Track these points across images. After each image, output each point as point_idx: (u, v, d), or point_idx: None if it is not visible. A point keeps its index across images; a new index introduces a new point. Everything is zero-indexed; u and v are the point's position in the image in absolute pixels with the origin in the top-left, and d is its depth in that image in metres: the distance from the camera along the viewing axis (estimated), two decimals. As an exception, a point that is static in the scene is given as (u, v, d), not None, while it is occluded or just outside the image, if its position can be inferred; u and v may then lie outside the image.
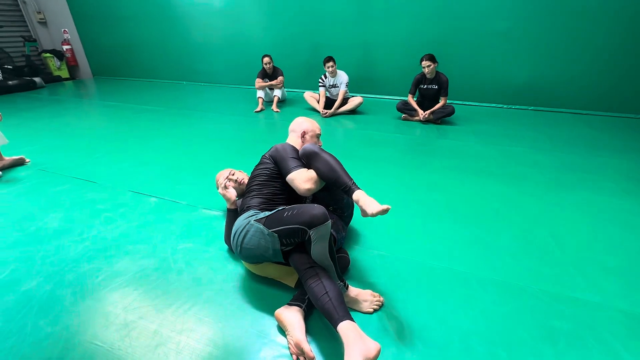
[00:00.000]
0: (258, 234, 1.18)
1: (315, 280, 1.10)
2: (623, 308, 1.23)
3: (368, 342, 0.94)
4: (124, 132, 3.38)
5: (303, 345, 1.01)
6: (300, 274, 1.16)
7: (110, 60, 6.87)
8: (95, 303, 1.25)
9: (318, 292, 1.07)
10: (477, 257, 1.51)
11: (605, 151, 2.82)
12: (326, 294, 1.05)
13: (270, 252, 1.18)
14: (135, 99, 5.00)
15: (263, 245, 1.18)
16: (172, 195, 2.05)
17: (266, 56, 4.18)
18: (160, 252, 1.54)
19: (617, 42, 3.69)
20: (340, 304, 1.04)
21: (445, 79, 3.46)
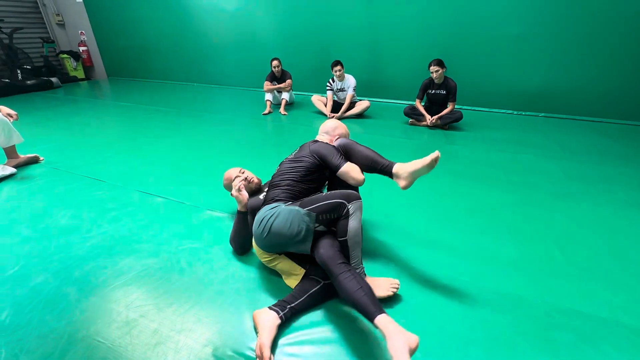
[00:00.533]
0: (292, 214, 1.23)
1: (348, 275, 1.11)
2: (628, 322, 1.20)
3: (408, 334, 0.96)
4: (134, 132, 3.45)
5: (264, 350, 1.03)
6: (330, 268, 1.15)
7: (124, 61, 7.04)
8: (99, 300, 1.29)
9: (352, 286, 1.08)
10: (478, 265, 1.49)
11: (618, 160, 2.76)
12: (361, 288, 1.07)
13: (303, 234, 1.21)
14: (147, 99, 5.10)
15: (296, 225, 1.22)
16: (178, 195, 2.09)
17: (275, 59, 4.22)
18: (164, 251, 1.57)
19: (632, 48, 3.61)
20: (374, 298, 1.06)
21: (454, 84, 3.44)
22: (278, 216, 1.25)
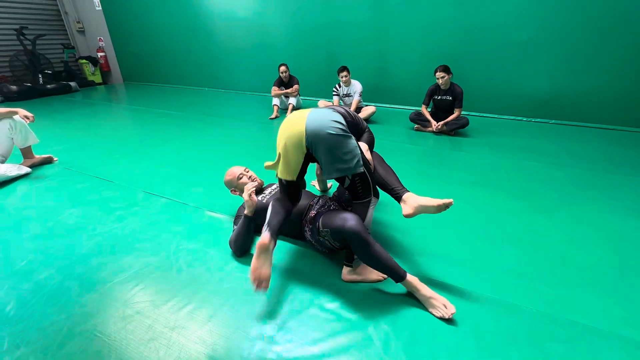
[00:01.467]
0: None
1: (379, 245, 1.26)
2: (626, 335, 1.17)
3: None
4: (144, 135, 3.56)
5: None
6: (364, 238, 1.23)
7: (139, 66, 7.27)
8: (99, 296, 1.33)
9: (385, 254, 1.26)
10: (475, 272, 1.47)
11: (629, 169, 2.68)
12: (388, 254, 1.26)
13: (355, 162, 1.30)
14: (159, 103, 5.25)
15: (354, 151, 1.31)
16: (181, 197, 2.14)
17: (283, 65, 4.29)
18: (163, 250, 1.61)
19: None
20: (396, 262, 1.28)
21: (460, 90, 3.42)
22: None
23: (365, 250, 1.24)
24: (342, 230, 1.26)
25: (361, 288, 1.37)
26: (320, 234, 1.40)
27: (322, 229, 1.38)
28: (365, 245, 1.24)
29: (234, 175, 1.74)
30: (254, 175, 1.76)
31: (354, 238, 1.23)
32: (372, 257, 1.25)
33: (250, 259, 1.50)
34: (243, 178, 1.73)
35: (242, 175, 1.73)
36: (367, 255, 1.25)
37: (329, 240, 1.40)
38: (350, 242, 1.26)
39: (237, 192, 1.77)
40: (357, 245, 1.24)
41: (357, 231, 1.23)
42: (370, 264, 1.27)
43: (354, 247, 1.27)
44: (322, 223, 1.38)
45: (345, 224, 1.24)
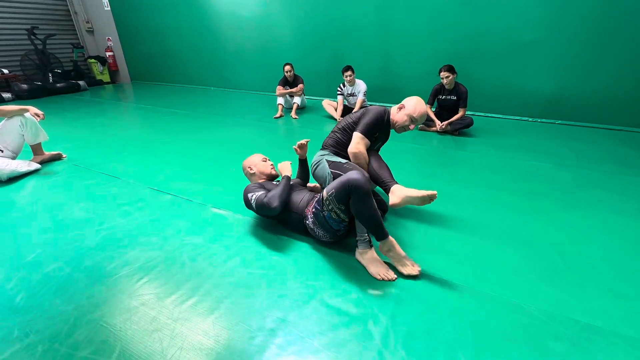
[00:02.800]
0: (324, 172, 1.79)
1: (374, 202, 1.39)
2: (626, 334, 1.16)
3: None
4: (151, 133, 3.61)
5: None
6: (366, 188, 1.34)
7: (147, 66, 7.37)
8: (105, 288, 1.37)
9: (377, 210, 1.38)
10: (475, 270, 1.48)
11: (633, 169, 2.65)
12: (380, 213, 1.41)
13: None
14: (166, 102, 5.32)
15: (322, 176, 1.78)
16: (186, 193, 2.18)
17: (287, 64, 4.32)
18: (168, 245, 1.64)
19: (656, 55, 3.47)
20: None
21: (465, 89, 3.41)
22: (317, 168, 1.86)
23: (364, 202, 1.34)
24: (346, 183, 1.35)
25: (360, 283, 1.39)
26: (325, 203, 1.44)
27: (326, 196, 1.42)
28: (367, 196, 1.33)
29: (255, 163, 1.90)
30: (272, 164, 1.94)
31: (357, 188, 1.32)
32: (368, 209, 1.35)
33: (250, 254, 1.56)
34: (267, 162, 1.92)
35: (266, 160, 1.93)
36: (364, 207, 1.35)
37: (334, 211, 1.42)
38: (353, 193, 1.34)
39: (253, 171, 1.88)
40: (360, 195, 1.33)
41: (361, 181, 1.33)
42: (364, 218, 1.38)
43: (355, 199, 1.34)
44: (326, 190, 1.44)
45: (349, 176, 1.36)
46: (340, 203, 1.39)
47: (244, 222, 1.84)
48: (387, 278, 1.40)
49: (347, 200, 1.37)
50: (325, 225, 1.50)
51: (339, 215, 1.44)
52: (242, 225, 1.81)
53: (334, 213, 1.44)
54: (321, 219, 1.49)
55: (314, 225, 1.54)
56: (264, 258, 1.55)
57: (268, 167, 1.89)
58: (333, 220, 1.46)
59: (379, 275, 1.41)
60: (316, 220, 1.52)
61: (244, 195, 1.70)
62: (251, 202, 1.64)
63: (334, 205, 1.41)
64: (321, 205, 1.47)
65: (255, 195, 1.63)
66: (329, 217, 1.46)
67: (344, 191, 1.36)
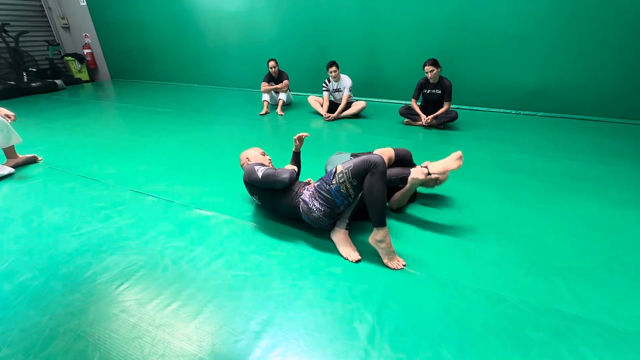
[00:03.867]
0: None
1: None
2: (604, 321, 1.19)
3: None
4: (132, 133, 3.51)
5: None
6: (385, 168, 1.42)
7: (127, 63, 7.15)
8: (83, 296, 1.32)
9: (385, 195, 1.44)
10: (459, 264, 1.49)
11: (613, 159, 2.73)
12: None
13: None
14: (148, 100, 5.18)
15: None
16: (169, 194, 2.12)
17: (272, 60, 4.25)
18: (149, 249, 1.60)
19: (630, 47, 3.56)
20: None
21: (449, 83, 3.43)
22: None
23: (379, 181, 1.39)
24: (367, 159, 1.41)
25: (346, 282, 1.38)
26: (337, 176, 1.47)
27: (342, 169, 1.47)
28: (383, 175, 1.40)
29: (254, 156, 1.90)
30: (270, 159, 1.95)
31: (376, 165, 1.39)
32: (380, 190, 1.40)
33: (234, 255, 1.53)
34: (265, 156, 1.93)
35: (264, 154, 1.95)
36: (377, 185, 1.39)
37: (345, 184, 1.45)
38: (371, 170, 1.40)
39: (250, 161, 1.87)
40: (377, 173, 1.39)
41: (382, 161, 1.40)
42: (373, 197, 1.41)
43: (372, 176, 1.40)
44: (343, 164, 1.48)
45: (371, 156, 1.43)
46: (355, 177, 1.44)
47: (228, 223, 1.81)
48: (351, 258, 1.50)
49: (362, 177, 1.43)
50: (327, 198, 1.50)
51: (348, 189, 1.47)
52: (226, 226, 1.78)
53: (343, 186, 1.46)
54: (324, 192, 1.51)
55: (310, 198, 1.56)
56: (249, 259, 1.52)
57: (266, 161, 1.89)
58: (339, 194, 1.48)
59: (345, 254, 1.52)
60: (317, 193, 1.54)
61: (247, 170, 1.71)
62: (257, 173, 1.65)
63: (347, 179, 1.45)
64: (331, 177, 1.50)
65: (264, 168, 1.68)
66: (336, 190, 1.48)
67: (362, 165, 1.41)
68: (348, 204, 1.53)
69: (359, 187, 1.46)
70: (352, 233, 1.69)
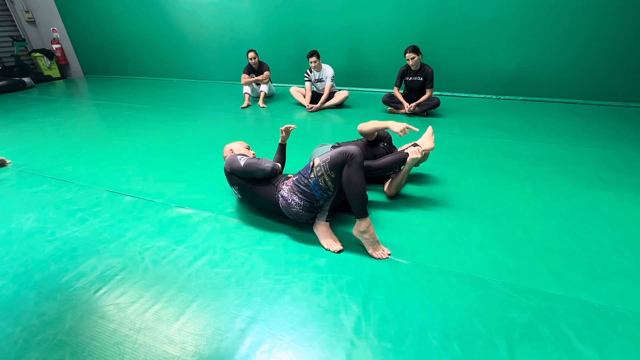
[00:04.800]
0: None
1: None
2: (582, 298, 1.23)
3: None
4: (108, 131, 3.38)
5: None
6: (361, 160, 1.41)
7: (100, 58, 6.84)
8: (58, 303, 1.27)
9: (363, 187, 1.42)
10: (443, 249, 1.51)
11: (590, 141, 2.80)
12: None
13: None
14: (124, 97, 4.98)
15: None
16: (148, 194, 2.06)
17: (251, 51, 4.14)
18: (128, 251, 1.55)
19: (607, 30, 3.63)
20: None
21: (430, 70, 3.43)
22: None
23: (357, 172, 1.38)
24: (343, 151, 1.40)
25: (331, 273, 1.37)
26: (315, 170, 1.45)
27: (319, 162, 1.44)
28: (360, 167, 1.39)
29: (243, 143, 1.92)
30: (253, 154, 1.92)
31: (353, 157, 1.39)
32: (358, 182, 1.39)
33: (217, 253, 1.50)
34: (249, 150, 1.91)
35: (249, 148, 1.93)
36: (356, 177, 1.38)
37: (323, 177, 1.43)
38: (348, 162, 1.39)
39: (233, 152, 1.84)
40: (354, 165, 1.38)
41: (358, 152, 1.40)
42: (352, 189, 1.40)
43: (349, 168, 1.39)
44: (320, 157, 1.46)
45: (348, 147, 1.42)
46: (332, 170, 1.42)
47: (210, 220, 1.76)
48: (332, 249, 1.50)
49: (340, 169, 1.41)
50: (306, 192, 1.48)
51: (327, 183, 1.44)
52: (208, 224, 1.74)
53: (322, 180, 1.44)
54: (303, 187, 1.49)
55: (289, 193, 1.53)
56: (232, 256, 1.49)
57: (250, 155, 1.86)
58: (319, 188, 1.46)
59: (326, 246, 1.51)
60: (296, 187, 1.51)
61: (229, 159, 1.69)
62: (239, 161, 1.64)
63: (325, 172, 1.42)
64: (309, 171, 1.47)
65: (246, 157, 1.67)
66: (314, 183, 1.46)
67: (339, 157, 1.40)
68: (327, 197, 1.51)
69: (337, 179, 1.44)
70: (334, 224, 1.69)
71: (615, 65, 3.73)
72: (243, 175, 1.66)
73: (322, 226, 1.57)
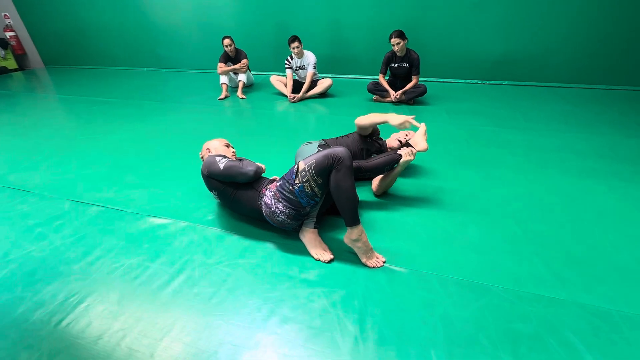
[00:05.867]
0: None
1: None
2: (586, 302, 1.18)
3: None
4: (72, 130, 3.09)
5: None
6: (350, 163, 1.28)
7: (62, 46, 6.29)
8: (11, 342, 1.10)
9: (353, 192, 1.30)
10: (439, 253, 1.42)
11: (577, 127, 2.78)
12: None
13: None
14: (90, 89, 4.60)
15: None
16: (117, 202, 1.86)
17: (226, 38, 3.87)
18: (95, 272, 1.38)
19: (592, 14, 3.59)
20: None
21: (416, 56, 3.29)
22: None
23: (346, 177, 1.26)
24: (330, 154, 1.27)
25: (322, 287, 1.26)
26: (299, 175, 1.31)
27: (304, 166, 1.31)
28: (349, 171, 1.27)
29: (216, 149, 1.69)
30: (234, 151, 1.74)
31: (341, 160, 1.26)
32: (348, 188, 1.27)
33: (197, 268, 1.34)
34: (229, 148, 1.72)
35: (229, 146, 1.74)
36: (345, 182, 1.26)
37: (309, 184, 1.30)
38: (336, 166, 1.26)
39: (210, 152, 1.66)
40: (342, 169, 1.26)
41: (346, 155, 1.27)
42: (342, 195, 1.28)
43: (337, 172, 1.26)
44: (304, 161, 1.33)
45: (335, 149, 1.28)
46: (319, 175, 1.29)
47: (187, 231, 1.61)
48: (322, 259, 1.39)
49: (327, 174, 1.29)
50: (291, 199, 1.35)
51: (314, 189, 1.31)
52: (186, 235, 1.58)
53: (307, 186, 1.31)
54: (287, 193, 1.35)
55: (272, 200, 1.39)
56: (213, 272, 1.36)
57: (229, 153, 1.68)
58: (305, 194, 1.33)
59: (316, 255, 1.40)
60: (279, 193, 1.37)
61: (206, 162, 1.52)
62: (218, 164, 1.48)
63: (310, 177, 1.29)
64: (293, 176, 1.33)
65: (226, 159, 1.51)
66: (300, 190, 1.32)
67: (326, 161, 1.27)
68: (315, 203, 1.38)
69: (324, 184, 1.32)
70: (323, 229, 1.57)
71: (599, 48, 3.71)
72: (223, 179, 1.51)
73: (310, 234, 1.45)
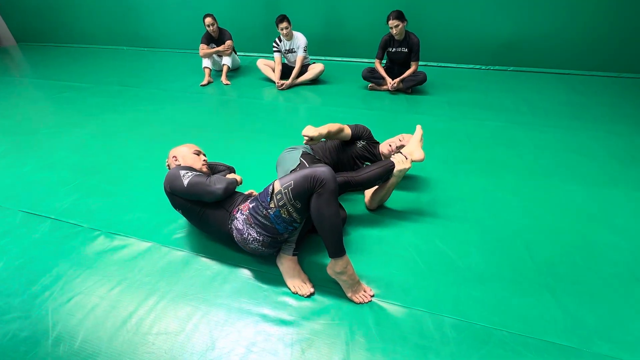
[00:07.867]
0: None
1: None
2: (603, 352, 1.01)
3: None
4: (33, 121, 2.79)
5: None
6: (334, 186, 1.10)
7: (36, 22, 5.80)
8: None
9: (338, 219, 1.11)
10: (436, 285, 1.24)
11: (590, 123, 2.55)
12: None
13: None
14: (61, 72, 4.24)
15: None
16: (74, 214, 1.65)
17: (208, 16, 3.50)
18: (40, 308, 1.19)
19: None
20: None
21: (416, 40, 2.99)
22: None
23: (329, 202, 1.08)
24: (310, 175, 1.08)
25: (301, 335, 1.09)
26: (275, 198, 1.12)
27: (279, 188, 1.12)
28: (333, 195, 1.09)
29: (192, 147, 1.48)
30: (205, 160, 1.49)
31: (323, 183, 1.07)
32: (331, 214, 1.08)
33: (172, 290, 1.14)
34: (200, 156, 1.47)
35: (199, 153, 1.48)
36: (327, 208, 1.08)
37: (286, 208, 1.11)
38: (317, 189, 1.08)
39: (178, 163, 1.43)
40: (325, 193, 1.07)
41: (330, 176, 1.09)
42: (324, 223, 1.09)
43: (318, 196, 1.08)
44: (280, 181, 1.13)
45: (316, 170, 1.10)
46: (297, 199, 1.10)
47: (150, 254, 1.41)
48: (301, 293, 1.21)
49: (307, 197, 1.11)
50: (266, 225, 1.15)
51: (292, 214, 1.12)
52: (148, 259, 1.38)
53: (284, 210, 1.11)
54: (261, 218, 1.15)
55: (244, 225, 1.19)
56: (177, 309, 1.17)
57: (199, 162, 1.44)
58: (281, 220, 1.13)
59: (293, 288, 1.23)
60: (252, 218, 1.17)
61: (169, 175, 1.31)
62: (181, 179, 1.26)
63: (287, 201, 1.10)
64: (268, 199, 1.13)
65: (192, 174, 1.29)
66: (276, 215, 1.12)
67: (305, 184, 1.08)
68: (294, 229, 1.18)
69: (304, 209, 1.12)
70: (304, 251, 1.38)
71: (609, 34, 3.41)
72: (187, 198, 1.29)
73: (288, 262, 1.26)
